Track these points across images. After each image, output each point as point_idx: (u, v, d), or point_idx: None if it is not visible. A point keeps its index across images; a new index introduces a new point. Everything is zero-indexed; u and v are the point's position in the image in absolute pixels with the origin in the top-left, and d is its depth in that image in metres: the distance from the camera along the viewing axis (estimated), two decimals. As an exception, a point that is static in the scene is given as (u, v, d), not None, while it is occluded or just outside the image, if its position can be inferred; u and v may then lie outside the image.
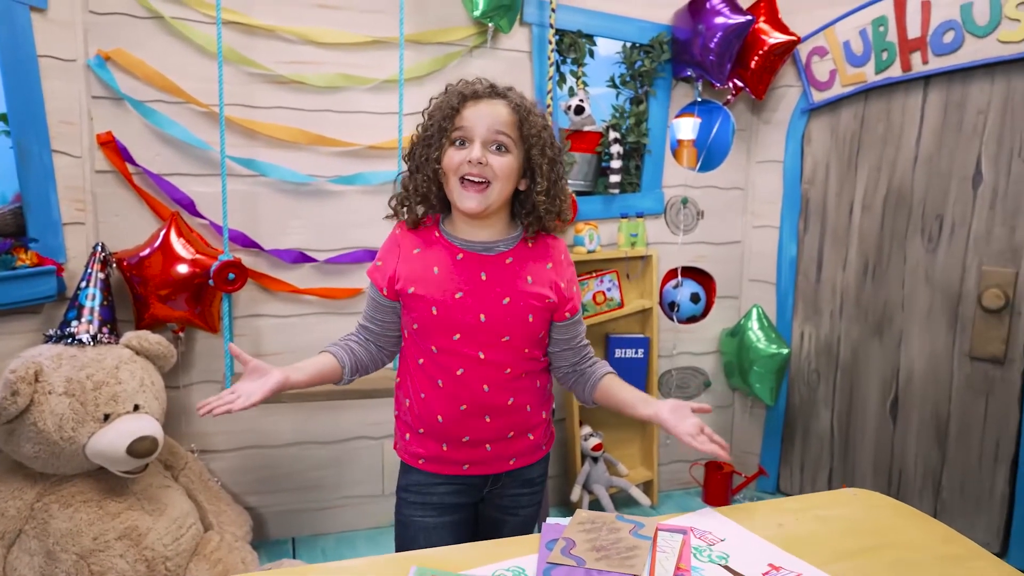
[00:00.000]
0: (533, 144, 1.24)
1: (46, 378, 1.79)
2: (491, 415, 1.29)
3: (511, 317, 1.25)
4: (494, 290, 1.25)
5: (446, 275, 1.25)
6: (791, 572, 1.01)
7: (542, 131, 1.26)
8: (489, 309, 1.25)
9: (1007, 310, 2.26)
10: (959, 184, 2.35)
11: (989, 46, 2.20)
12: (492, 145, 1.22)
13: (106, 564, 1.80)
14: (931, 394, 2.46)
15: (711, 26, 2.49)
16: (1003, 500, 2.30)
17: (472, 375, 1.27)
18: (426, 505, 1.35)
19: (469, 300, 1.24)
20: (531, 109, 1.26)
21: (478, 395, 1.27)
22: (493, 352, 1.26)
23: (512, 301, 1.25)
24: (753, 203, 2.91)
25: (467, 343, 1.25)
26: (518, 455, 1.35)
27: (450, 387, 1.28)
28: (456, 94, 1.26)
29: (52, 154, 2.03)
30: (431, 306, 1.25)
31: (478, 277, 1.25)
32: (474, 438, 1.31)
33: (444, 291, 1.24)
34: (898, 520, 1.18)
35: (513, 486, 1.38)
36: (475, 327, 1.24)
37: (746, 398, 2.95)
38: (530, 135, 1.24)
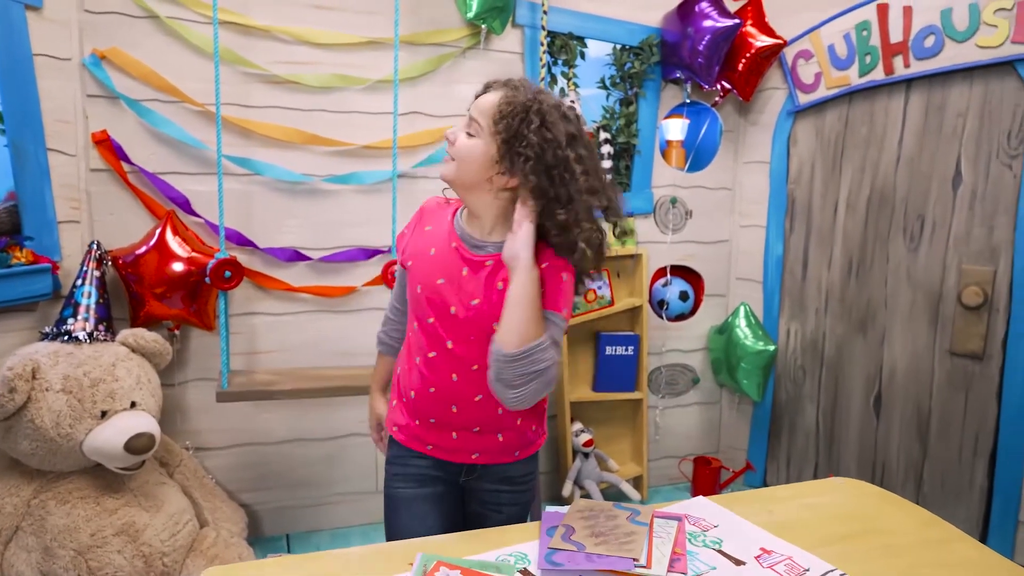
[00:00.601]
0: (509, 140, 1.18)
1: (43, 375, 1.80)
2: (457, 405, 1.31)
3: (478, 319, 1.24)
4: (467, 288, 1.26)
5: (438, 259, 1.29)
6: (782, 555, 1.05)
7: (528, 132, 1.17)
8: (460, 305, 1.26)
9: (986, 307, 2.32)
10: (940, 185, 2.41)
11: (968, 51, 2.26)
12: (469, 125, 1.25)
13: (104, 560, 1.81)
14: (913, 390, 2.53)
15: (700, 29, 2.54)
16: (982, 492, 2.36)
17: (442, 362, 1.29)
18: (407, 476, 1.38)
19: (446, 289, 1.27)
20: (518, 110, 1.19)
21: (446, 382, 1.29)
22: (460, 346, 1.27)
23: (480, 304, 1.24)
24: (740, 203, 2.96)
25: (439, 329, 1.28)
26: (483, 452, 1.34)
27: (424, 367, 1.31)
28: (483, 87, 1.30)
29: (47, 152, 2.04)
30: (417, 283, 1.30)
31: (459, 271, 1.27)
32: (439, 421, 1.33)
33: (431, 273, 1.29)
34: (883, 506, 1.23)
35: (491, 480, 1.38)
36: (447, 317, 1.27)
37: (733, 394, 3.01)
38: (502, 131, 1.19)
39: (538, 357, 1.14)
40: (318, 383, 2.18)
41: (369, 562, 1.00)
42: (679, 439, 3.01)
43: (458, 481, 1.40)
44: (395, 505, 1.38)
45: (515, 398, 1.15)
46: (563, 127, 1.20)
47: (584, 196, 1.19)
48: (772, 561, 1.04)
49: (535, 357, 1.13)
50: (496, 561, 1.01)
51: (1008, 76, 2.22)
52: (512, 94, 1.22)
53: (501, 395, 1.17)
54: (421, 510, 1.35)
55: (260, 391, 2.11)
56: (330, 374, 2.27)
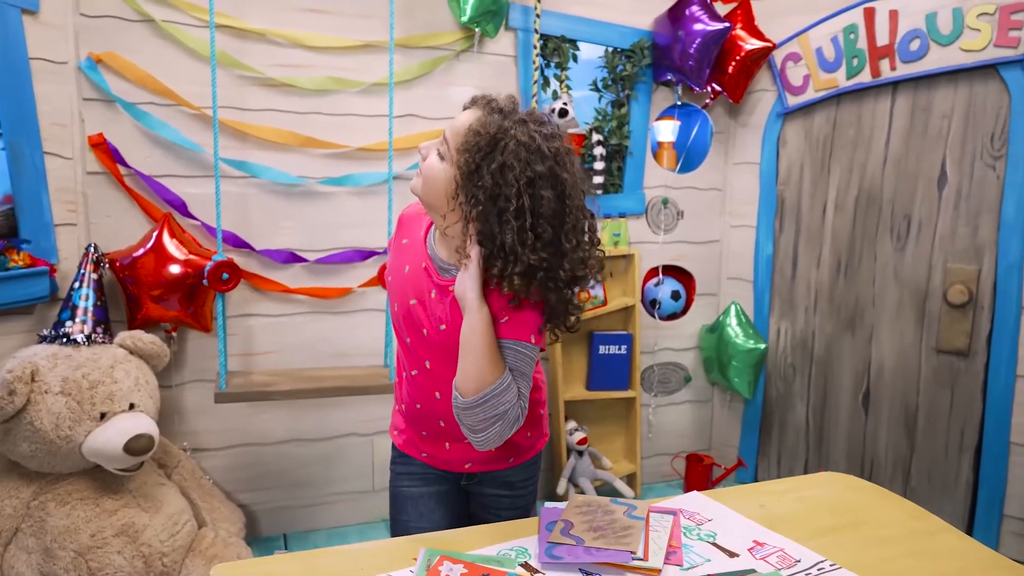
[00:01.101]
0: (466, 173, 1.09)
1: (42, 377, 1.81)
2: (444, 420, 1.28)
3: (447, 343, 1.18)
4: (436, 312, 1.21)
5: (410, 278, 1.24)
6: (774, 547, 1.08)
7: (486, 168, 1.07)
8: (430, 327, 1.22)
9: (971, 305, 2.37)
10: (925, 185, 2.46)
11: (952, 54, 2.31)
12: (438, 146, 1.17)
13: (104, 560, 1.82)
14: (900, 386, 2.57)
15: (690, 32, 2.58)
16: (968, 486, 2.41)
17: (424, 380, 1.27)
18: (412, 475, 1.39)
19: (417, 311, 1.23)
20: (490, 138, 1.09)
21: (431, 400, 1.28)
22: (438, 366, 1.23)
23: (447, 329, 1.19)
24: (731, 203, 3.00)
25: (418, 348, 1.25)
26: (475, 462, 1.35)
27: (409, 385, 1.32)
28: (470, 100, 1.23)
29: (44, 156, 2.04)
30: (395, 302, 1.28)
31: (428, 293, 1.22)
32: (431, 434, 1.33)
33: (404, 293, 1.25)
34: (872, 499, 1.27)
35: (492, 485, 1.40)
36: (421, 337, 1.24)
37: (725, 392, 3.05)
38: (468, 164, 1.09)
39: (496, 401, 1.09)
40: (315, 384, 2.20)
41: (373, 557, 1.03)
42: (672, 437, 3.04)
43: (459, 481, 1.42)
44: (401, 502, 1.40)
45: (480, 441, 1.12)
46: (530, 167, 1.07)
47: (529, 253, 1.07)
48: (764, 553, 1.07)
49: (493, 402, 1.09)
50: (498, 555, 1.03)
51: (991, 79, 2.27)
52: (486, 120, 1.11)
53: (468, 436, 1.14)
54: (427, 507, 1.37)
55: (258, 392, 2.12)
56: (327, 375, 2.29)
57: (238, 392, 2.10)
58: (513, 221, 1.07)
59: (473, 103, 1.18)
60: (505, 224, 1.07)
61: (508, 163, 1.07)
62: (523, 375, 1.14)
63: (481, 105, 1.16)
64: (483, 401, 1.09)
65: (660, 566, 1.01)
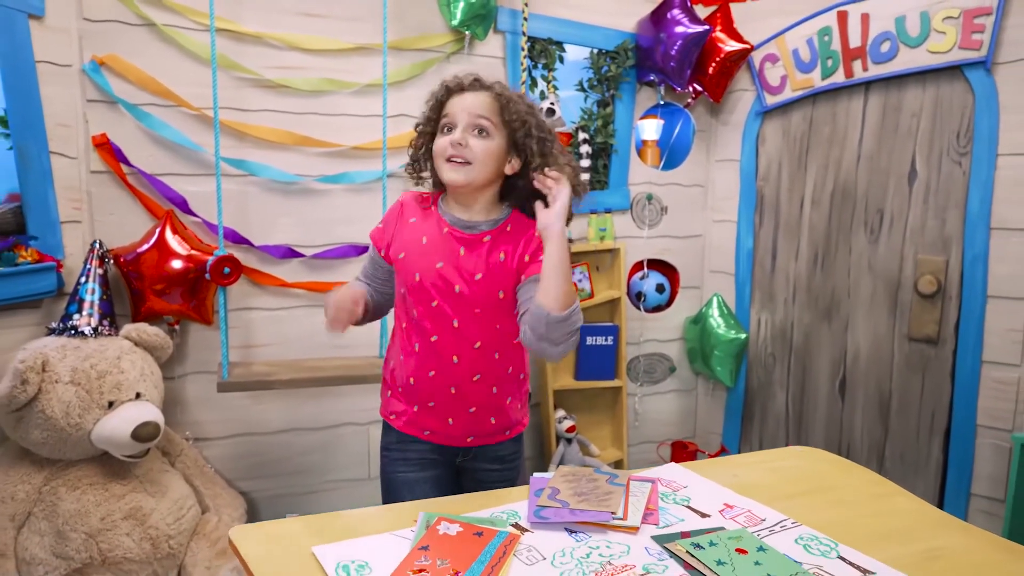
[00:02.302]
0: (517, 128, 1.34)
1: (52, 368, 1.89)
2: (456, 387, 1.40)
3: (483, 292, 1.35)
4: (467, 266, 1.35)
5: (432, 245, 1.38)
6: (743, 509, 1.18)
7: (527, 115, 1.35)
8: (464, 282, 1.35)
9: (939, 295, 2.49)
10: (896, 181, 2.58)
11: (920, 56, 2.43)
12: (474, 129, 1.33)
13: (114, 542, 1.90)
14: (875, 373, 2.69)
15: (672, 35, 2.68)
16: (937, 466, 2.53)
17: (444, 343, 1.38)
18: (407, 461, 1.47)
19: (447, 271, 1.35)
20: (513, 96, 1.36)
21: (447, 364, 1.39)
22: (466, 323, 1.36)
23: (484, 277, 1.35)
24: (713, 199, 3.11)
25: (443, 311, 1.37)
26: (477, 435, 1.45)
27: (424, 352, 1.40)
28: (443, 87, 1.41)
29: (50, 155, 2.12)
30: (415, 272, 1.38)
31: (457, 252, 1.36)
32: (439, 405, 1.42)
33: (428, 260, 1.37)
34: (835, 469, 1.38)
35: (484, 460, 1.50)
36: (451, 297, 1.36)
37: (708, 381, 3.16)
38: (512, 119, 1.34)
39: (577, 316, 1.26)
40: (313, 373, 2.29)
41: (377, 519, 1.12)
42: (657, 424, 3.15)
43: (455, 462, 1.50)
44: (396, 488, 1.47)
45: (559, 352, 1.27)
46: (534, 110, 1.39)
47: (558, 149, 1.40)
48: (733, 514, 1.17)
49: (575, 317, 1.26)
50: (491, 517, 1.13)
51: (957, 80, 2.39)
52: (505, 91, 1.36)
53: (545, 352, 1.28)
54: (422, 491, 1.43)
55: (259, 381, 2.21)
56: (325, 364, 2.37)
57: (240, 381, 2.19)
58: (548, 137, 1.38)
59: (460, 88, 1.38)
60: (547, 144, 1.37)
61: (532, 114, 1.37)
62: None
63: (475, 84, 1.38)
64: (570, 314, 1.25)
65: (638, 524, 1.11)
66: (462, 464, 1.51)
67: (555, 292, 1.24)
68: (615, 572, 0.99)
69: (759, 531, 1.11)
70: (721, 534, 1.09)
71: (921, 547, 1.06)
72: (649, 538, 1.08)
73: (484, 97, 1.35)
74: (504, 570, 0.98)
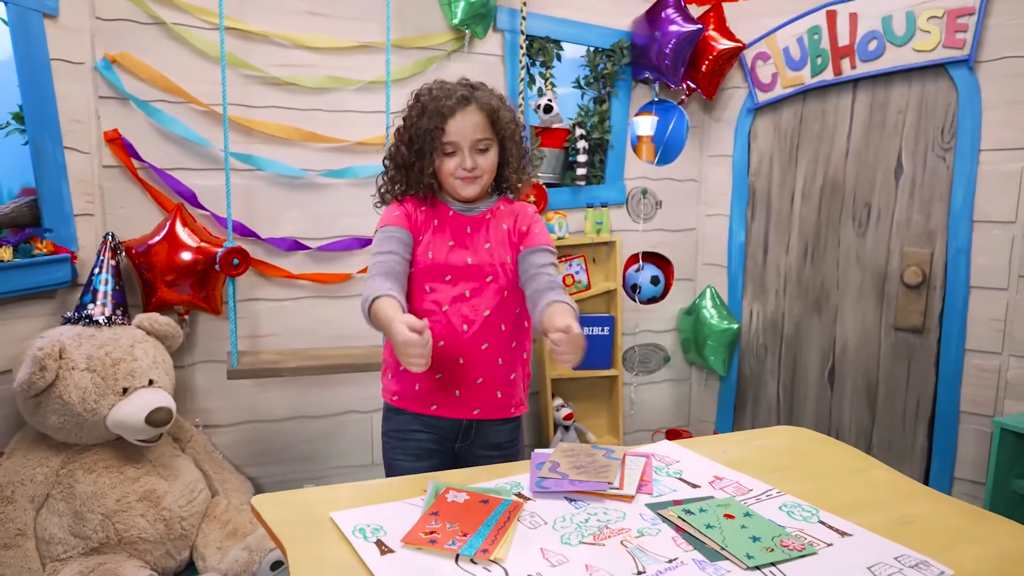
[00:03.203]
0: (506, 136, 1.51)
1: (69, 355, 1.96)
2: (464, 357, 1.48)
3: (492, 258, 1.49)
4: (477, 238, 1.51)
5: (442, 228, 1.51)
6: (732, 480, 1.26)
7: (510, 123, 1.51)
8: (475, 253, 1.50)
9: (924, 286, 2.57)
10: (883, 175, 2.66)
11: (906, 54, 2.51)
12: (476, 148, 1.47)
13: (129, 523, 1.98)
14: (862, 362, 2.78)
15: (666, 33, 2.76)
16: (923, 452, 2.62)
17: (455, 312, 1.47)
18: (407, 450, 1.54)
19: (458, 246, 1.50)
20: (498, 107, 1.48)
21: (457, 334, 1.47)
22: (476, 292, 1.48)
23: (492, 245, 1.51)
24: (706, 194, 3.19)
25: (456, 283, 1.48)
26: (483, 407, 1.52)
27: (433, 324, 1.45)
28: (436, 112, 1.44)
29: (64, 150, 2.18)
30: (428, 251, 1.49)
31: (464, 230, 1.51)
32: (446, 377, 1.49)
33: (441, 241, 1.50)
34: (818, 446, 1.46)
35: (481, 447, 1.56)
36: (464, 268, 1.48)
37: (702, 371, 3.24)
38: (502, 130, 1.49)
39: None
40: (319, 361, 2.36)
41: (390, 489, 1.20)
42: (652, 413, 3.24)
43: (453, 450, 1.56)
44: (398, 475, 1.54)
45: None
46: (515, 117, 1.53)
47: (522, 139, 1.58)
48: (723, 485, 1.25)
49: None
50: (495, 487, 1.21)
51: (941, 77, 2.47)
52: (486, 99, 1.48)
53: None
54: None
55: (267, 369, 2.28)
56: (330, 353, 2.44)
57: (249, 369, 2.26)
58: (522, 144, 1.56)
59: (463, 102, 1.46)
60: (523, 153, 1.56)
61: (513, 120, 1.53)
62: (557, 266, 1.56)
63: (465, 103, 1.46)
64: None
65: (633, 493, 1.19)
66: (460, 450, 1.57)
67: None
68: (612, 535, 1.06)
69: (746, 500, 1.19)
70: (710, 502, 1.17)
71: (896, 513, 1.15)
72: (643, 506, 1.16)
73: (478, 117, 1.46)
74: (508, 533, 1.05)
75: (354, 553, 0.98)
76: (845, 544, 1.05)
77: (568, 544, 1.04)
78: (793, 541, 1.04)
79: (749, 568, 0.97)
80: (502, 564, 0.98)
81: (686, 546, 1.04)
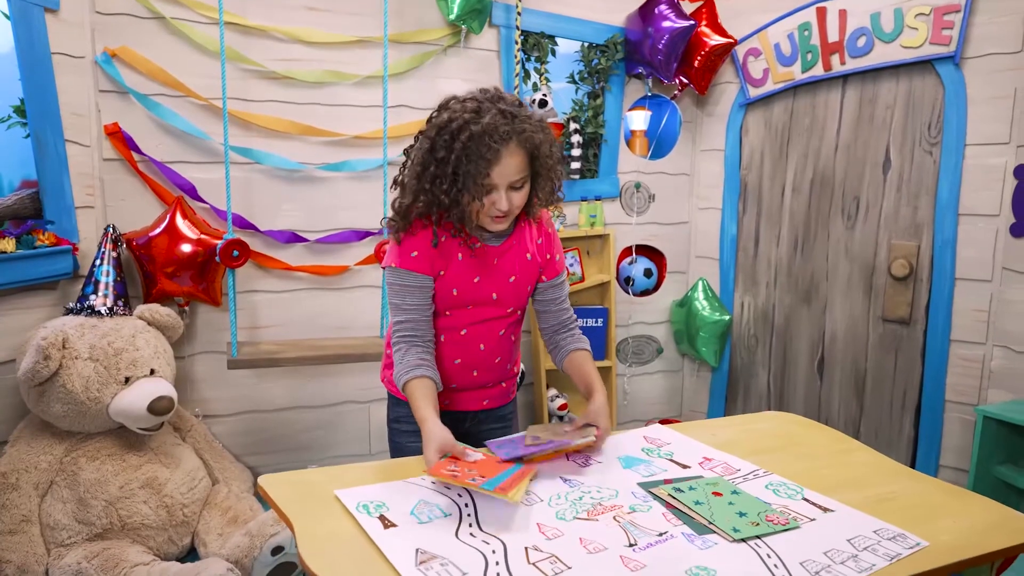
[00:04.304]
0: (540, 172, 1.40)
1: (72, 345, 1.99)
2: (478, 370, 1.53)
3: (517, 290, 1.49)
4: (503, 270, 1.46)
5: (467, 262, 1.44)
6: (720, 461, 1.31)
7: (548, 158, 1.39)
8: (500, 288, 1.47)
9: (911, 278, 2.63)
10: (872, 169, 2.71)
11: (894, 50, 2.56)
12: (513, 186, 1.36)
13: (132, 509, 2.01)
14: (851, 353, 2.83)
15: (659, 29, 2.80)
16: (909, 440, 2.68)
17: (473, 335, 1.50)
18: (416, 432, 1.52)
19: (484, 282, 1.46)
20: (540, 142, 1.35)
21: (474, 353, 1.51)
22: (496, 318, 1.49)
23: (517, 279, 1.48)
24: (698, 187, 3.24)
25: (476, 313, 1.48)
26: (491, 399, 1.60)
27: (450, 342, 1.50)
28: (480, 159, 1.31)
29: (65, 143, 2.21)
30: (453, 287, 1.45)
31: (492, 263, 1.45)
32: (460, 386, 1.55)
33: (466, 275, 1.45)
34: (804, 429, 1.51)
35: (489, 422, 1.63)
36: (488, 302, 1.48)
37: (694, 362, 3.30)
38: (541, 165, 1.39)
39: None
40: (318, 352, 2.40)
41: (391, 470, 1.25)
42: (645, 403, 3.29)
43: (462, 430, 1.60)
44: (407, 456, 1.60)
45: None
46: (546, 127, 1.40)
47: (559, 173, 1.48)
48: (712, 465, 1.30)
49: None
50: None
51: (928, 73, 2.52)
52: (530, 132, 1.33)
53: None
54: None
55: (267, 359, 2.32)
56: (328, 344, 2.48)
57: (249, 359, 2.30)
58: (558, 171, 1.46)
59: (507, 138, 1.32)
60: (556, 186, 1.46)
61: (551, 151, 1.42)
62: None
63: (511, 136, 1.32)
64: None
65: (592, 438, 1.28)
66: (468, 429, 1.63)
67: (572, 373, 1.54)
68: (604, 511, 1.11)
69: (734, 479, 1.24)
70: (699, 481, 1.21)
71: (876, 491, 1.20)
72: (635, 484, 1.21)
73: (520, 158, 1.34)
74: (524, 483, 1.13)
75: (359, 527, 1.02)
76: (827, 519, 1.10)
77: (563, 519, 1.08)
78: (778, 516, 1.09)
79: (735, 540, 1.02)
80: (501, 538, 1.02)
81: (676, 521, 1.08)
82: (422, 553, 0.96)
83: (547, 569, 0.94)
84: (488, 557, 0.96)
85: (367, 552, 0.96)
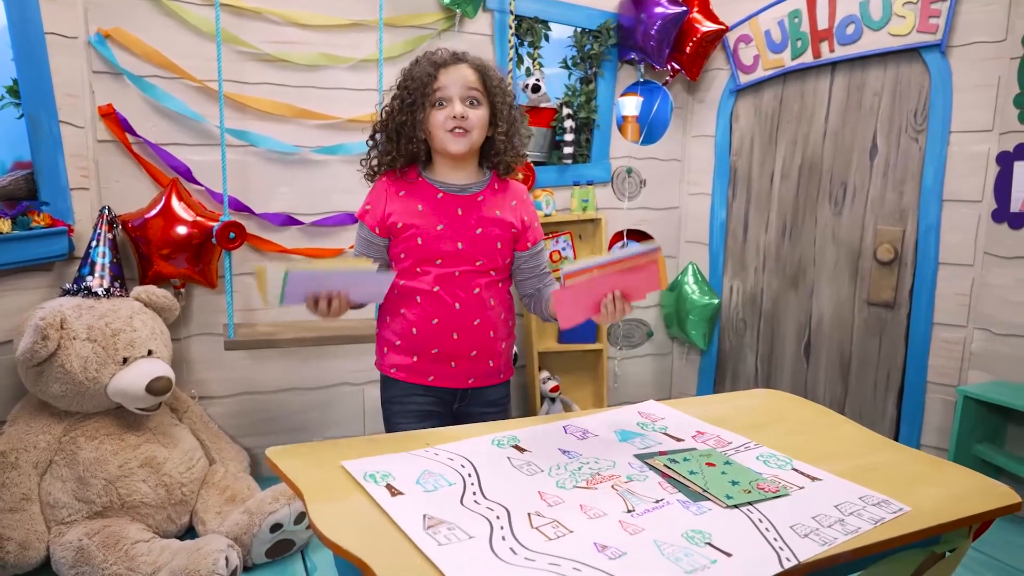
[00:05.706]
0: (495, 94, 1.50)
1: (70, 325, 2.00)
2: (459, 332, 1.54)
3: (483, 244, 1.51)
4: (468, 222, 1.50)
5: (429, 211, 1.50)
6: (712, 435, 1.36)
7: (500, 82, 1.52)
8: (465, 238, 1.50)
9: (896, 262, 2.69)
10: (859, 156, 2.76)
11: (882, 38, 2.60)
12: (467, 101, 1.47)
13: (131, 488, 2.04)
14: (837, 336, 2.90)
15: (651, 15, 2.82)
16: (892, 422, 2.75)
17: (447, 293, 1.52)
18: (407, 413, 1.61)
19: (448, 231, 1.50)
20: (488, 66, 1.51)
21: (450, 311, 1.53)
22: (467, 273, 1.52)
23: (484, 231, 1.51)
24: (689, 173, 3.28)
25: (446, 266, 1.51)
26: (477, 376, 1.60)
27: (426, 303, 1.53)
28: (429, 63, 1.50)
29: (59, 124, 2.21)
30: (417, 236, 1.50)
31: (455, 212, 1.50)
32: (442, 351, 1.56)
33: (428, 224, 1.50)
34: (792, 405, 1.56)
35: (478, 404, 1.64)
36: (454, 254, 1.51)
37: (683, 345, 3.35)
38: (492, 87, 1.50)
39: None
40: (313, 334, 2.42)
41: (395, 443, 1.28)
42: (635, 386, 3.34)
43: (452, 411, 1.64)
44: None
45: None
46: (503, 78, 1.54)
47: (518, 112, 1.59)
48: (704, 438, 1.34)
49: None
50: (492, 440, 1.29)
51: (915, 61, 2.57)
52: (478, 60, 1.50)
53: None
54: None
55: (263, 340, 2.34)
56: (323, 326, 2.50)
57: (246, 340, 2.31)
58: (515, 111, 1.56)
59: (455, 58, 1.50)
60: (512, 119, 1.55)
61: (503, 82, 1.54)
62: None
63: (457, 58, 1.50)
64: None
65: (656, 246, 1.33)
66: (459, 410, 1.66)
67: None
68: (603, 480, 1.15)
69: (726, 451, 1.28)
70: (693, 452, 1.26)
71: (861, 462, 1.25)
72: (632, 456, 1.25)
73: (470, 70, 1.48)
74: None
75: (367, 496, 1.06)
76: (815, 487, 1.15)
77: (563, 488, 1.12)
78: (768, 484, 1.14)
79: (728, 507, 1.06)
80: (504, 505, 1.05)
81: (671, 489, 1.13)
82: (429, 519, 0.99)
83: (550, 533, 0.98)
84: (493, 522, 1.00)
85: (376, 518, 1.00)
